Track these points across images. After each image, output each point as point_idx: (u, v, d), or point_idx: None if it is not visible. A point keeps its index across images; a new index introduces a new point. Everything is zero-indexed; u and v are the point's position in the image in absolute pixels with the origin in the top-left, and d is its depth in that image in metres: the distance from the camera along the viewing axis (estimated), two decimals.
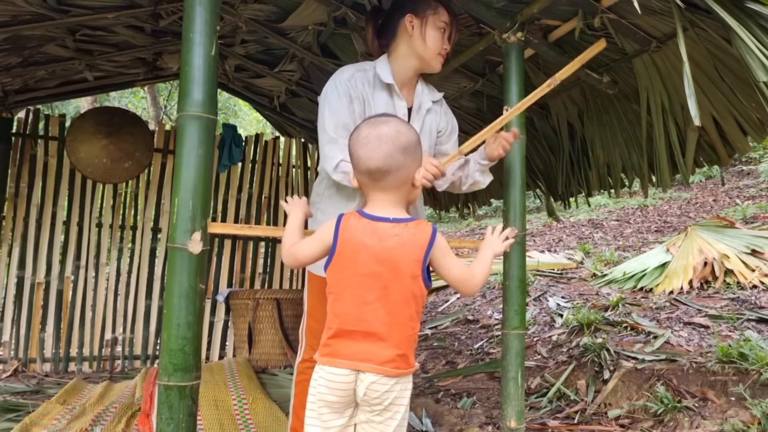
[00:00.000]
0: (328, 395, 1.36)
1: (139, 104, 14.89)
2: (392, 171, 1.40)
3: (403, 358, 1.37)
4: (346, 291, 1.39)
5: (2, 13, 2.62)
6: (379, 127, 1.42)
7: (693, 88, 1.66)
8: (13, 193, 3.97)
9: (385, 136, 1.40)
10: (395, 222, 1.40)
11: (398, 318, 1.37)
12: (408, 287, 1.38)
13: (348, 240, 1.39)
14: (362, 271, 1.37)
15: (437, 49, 1.92)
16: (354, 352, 1.35)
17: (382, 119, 1.45)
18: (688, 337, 3.11)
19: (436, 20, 1.91)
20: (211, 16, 1.56)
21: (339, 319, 1.38)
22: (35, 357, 3.98)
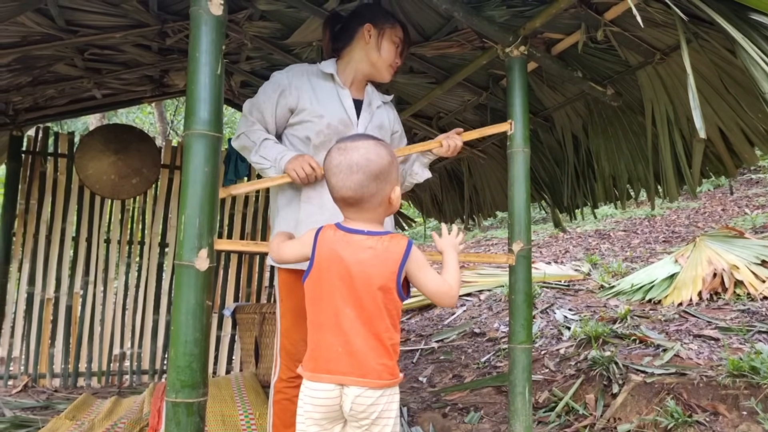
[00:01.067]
0: (313, 412, 1.36)
1: (146, 119, 15.01)
2: (365, 198, 1.41)
3: (385, 369, 1.36)
4: (323, 302, 1.39)
5: (13, 34, 2.66)
6: (349, 155, 1.41)
7: (698, 100, 1.66)
8: (24, 209, 4.01)
9: (356, 166, 1.40)
10: (369, 234, 1.41)
11: (375, 329, 1.37)
12: (381, 300, 1.38)
13: (324, 252, 1.40)
14: (337, 283, 1.38)
15: (389, 61, 2.04)
16: (336, 366, 1.35)
17: (351, 145, 1.43)
18: (698, 350, 3.08)
19: (392, 34, 2.03)
20: (216, 35, 1.58)
21: (318, 332, 1.39)
22: (45, 372, 4.00)
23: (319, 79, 2.00)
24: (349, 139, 1.48)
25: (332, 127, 1.93)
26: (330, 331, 1.37)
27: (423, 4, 2.38)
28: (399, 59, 2.07)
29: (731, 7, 1.65)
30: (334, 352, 1.36)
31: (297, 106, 1.95)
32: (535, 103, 3.03)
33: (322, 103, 1.95)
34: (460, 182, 4.37)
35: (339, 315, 1.37)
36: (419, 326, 5.33)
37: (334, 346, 1.36)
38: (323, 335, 1.38)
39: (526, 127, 2.12)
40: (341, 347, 1.35)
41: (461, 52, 2.62)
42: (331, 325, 1.37)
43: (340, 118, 1.95)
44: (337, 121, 1.94)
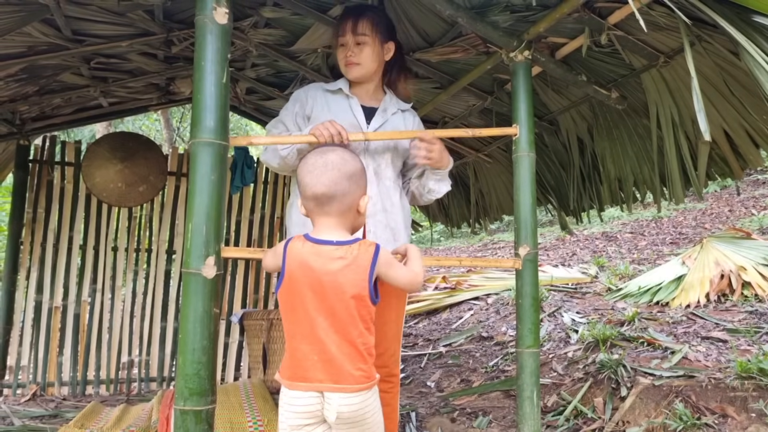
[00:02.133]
0: (294, 419, 1.40)
1: (152, 126, 15.09)
2: (337, 197, 1.47)
3: (362, 373, 1.40)
4: (297, 312, 1.43)
5: (19, 45, 2.68)
6: (325, 155, 1.51)
7: (702, 102, 1.66)
8: (31, 218, 4.03)
9: (330, 163, 1.48)
10: (339, 245, 1.44)
11: (349, 336, 1.40)
12: (353, 307, 1.41)
13: (294, 263, 1.43)
14: (309, 293, 1.41)
15: (342, 62, 2.11)
16: (312, 374, 1.38)
17: (329, 148, 1.56)
18: (706, 352, 3.07)
19: (338, 41, 2.12)
20: (222, 44, 1.59)
21: (294, 341, 1.42)
22: (53, 381, 4.01)
23: (332, 94, 2.12)
24: (328, 146, 1.62)
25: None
26: (305, 340, 1.41)
27: (427, 10, 2.39)
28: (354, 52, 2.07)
29: (734, 9, 1.65)
30: (310, 360, 1.39)
31: (312, 114, 2.07)
32: (540, 107, 3.03)
33: (333, 111, 2.05)
34: (466, 186, 4.37)
35: (313, 324, 1.40)
36: (426, 330, 5.33)
37: (309, 354, 1.39)
38: (298, 344, 1.41)
39: (531, 132, 2.12)
40: (316, 355, 1.39)
41: (466, 57, 2.63)
42: (305, 334, 1.41)
43: (350, 122, 2.01)
44: (347, 125, 1.96)
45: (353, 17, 2.08)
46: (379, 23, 2.12)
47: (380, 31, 2.11)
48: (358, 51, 2.07)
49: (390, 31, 2.18)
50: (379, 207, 2.01)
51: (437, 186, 2.11)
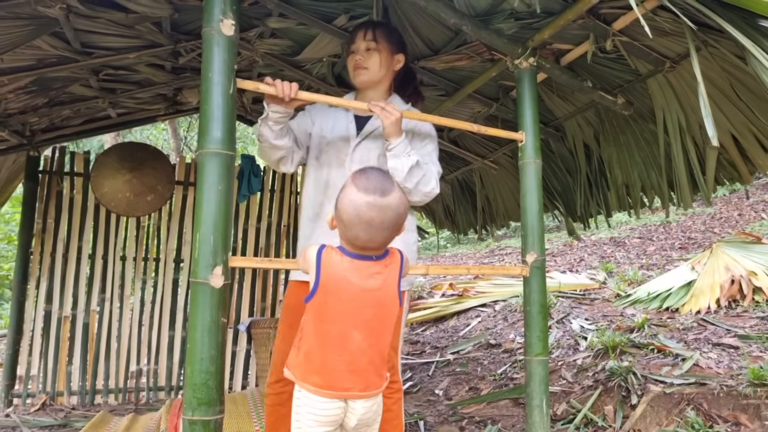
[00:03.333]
0: (317, 426, 1.43)
1: (160, 136, 15.17)
2: (386, 244, 1.48)
3: (382, 378, 1.49)
4: (329, 324, 1.43)
5: (29, 57, 2.71)
6: (383, 213, 1.41)
7: (709, 107, 1.65)
8: (41, 228, 4.06)
9: (387, 222, 1.42)
10: (377, 260, 1.47)
11: (379, 347, 1.47)
12: (388, 317, 1.48)
13: (331, 277, 1.42)
14: (346, 308, 1.42)
15: (351, 67, 2.15)
16: (340, 383, 1.42)
17: (381, 203, 1.41)
18: (718, 359, 3.04)
19: (350, 48, 2.16)
20: (228, 55, 1.60)
21: (324, 352, 1.44)
22: (62, 390, 4.03)
23: (334, 107, 2.16)
24: (375, 191, 1.42)
25: (332, 144, 2.09)
26: (335, 352, 1.43)
27: (432, 19, 2.40)
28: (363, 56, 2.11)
29: (740, 14, 1.65)
30: (339, 371, 1.42)
31: (315, 122, 2.16)
32: (546, 113, 3.03)
33: (330, 125, 2.12)
34: (472, 193, 4.37)
35: (346, 338, 1.43)
36: (434, 338, 5.31)
37: (339, 365, 1.43)
38: (328, 355, 1.43)
39: (536, 138, 2.12)
40: (344, 366, 1.42)
41: (471, 64, 2.63)
42: (336, 346, 1.43)
43: (342, 134, 2.10)
44: (339, 136, 2.09)
45: (366, 26, 2.15)
46: (391, 34, 2.18)
47: (391, 42, 2.16)
48: (368, 56, 2.11)
49: (401, 44, 2.22)
50: None
51: (395, 162, 1.94)
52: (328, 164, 2.09)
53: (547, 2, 2.04)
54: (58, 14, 2.30)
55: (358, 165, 2.02)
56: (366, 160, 2.05)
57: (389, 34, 2.17)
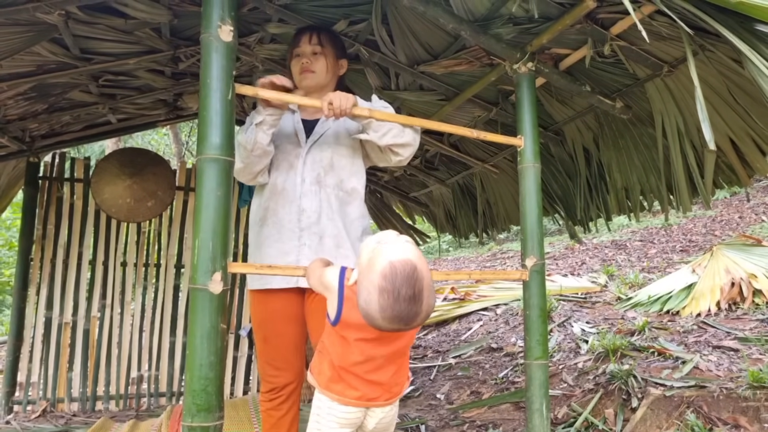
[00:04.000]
0: (338, 429, 1.49)
1: (161, 141, 15.21)
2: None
3: (401, 387, 1.54)
4: (354, 355, 1.45)
5: (29, 64, 2.72)
6: (416, 306, 1.29)
7: (706, 112, 1.65)
8: (41, 234, 4.06)
9: (415, 315, 1.31)
10: None
11: (401, 362, 1.52)
12: (413, 336, 1.53)
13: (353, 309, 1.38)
14: (369, 336, 1.42)
15: (297, 70, 2.12)
16: (363, 394, 1.47)
17: (412, 298, 1.28)
18: (718, 362, 3.04)
19: (294, 52, 2.15)
20: (227, 62, 1.61)
21: (346, 369, 1.46)
22: (63, 397, 4.02)
23: (285, 113, 2.13)
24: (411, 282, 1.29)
25: (280, 148, 2.07)
26: (360, 376, 1.46)
27: (431, 24, 2.41)
28: (310, 60, 2.10)
29: (737, 19, 1.65)
30: (363, 384, 1.47)
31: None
32: (545, 118, 3.04)
33: (281, 128, 2.10)
34: (473, 197, 4.37)
35: (371, 360, 1.45)
36: (436, 342, 5.31)
37: (362, 381, 1.46)
38: (353, 378, 1.46)
39: (535, 143, 2.12)
40: (368, 382, 1.46)
41: (470, 69, 2.64)
42: (359, 365, 1.45)
43: (291, 139, 2.09)
44: (286, 141, 2.08)
45: (311, 30, 2.15)
46: (335, 39, 2.20)
47: (336, 47, 2.17)
48: (314, 60, 2.11)
49: (343, 50, 2.24)
50: (314, 219, 1.97)
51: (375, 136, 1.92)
52: (277, 168, 2.06)
53: (545, 7, 2.05)
54: (57, 20, 2.31)
55: (310, 168, 2.02)
56: (319, 161, 2.03)
57: (334, 39, 2.18)
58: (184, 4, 2.49)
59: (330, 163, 2.03)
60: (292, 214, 1.98)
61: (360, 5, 2.43)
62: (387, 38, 2.58)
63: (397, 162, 2.03)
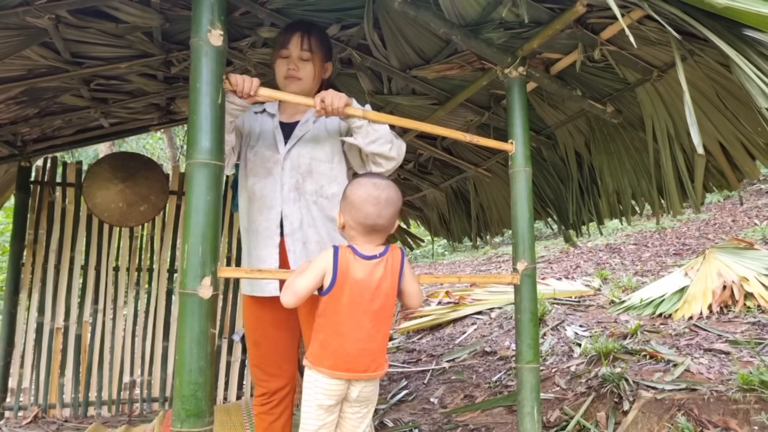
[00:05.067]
0: (326, 400, 1.65)
1: (156, 144, 15.17)
2: (387, 228, 1.70)
3: (385, 361, 1.71)
4: (342, 315, 1.63)
5: (19, 68, 2.71)
6: (386, 191, 1.69)
7: (695, 116, 1.66)
8: (33, 239, 4.04)
9: (391, 200, 1.68)
10: (381, 257, 1.68)
11: (385, 332, 1.69)
12: (392, 305, 1.70)
13: (346, 274, 1.63)
14: (358, 300, 1.63)
15: (282, 74, 2.07)
16: (353, 365, 1.63)
17: (384, 183, 1.70)
18: (709, 365, 3.05)
19: (280, 52, 2.08)
20: (216, 66, 1.60)
21: (337, 339, 1.63)
22: (55, 402, 4.00)
23: (259, 114, 2.14)
24: (375, 176, 1.74)
25: (258, 153, 2.05)
26: (348, 339, 1.62)
27: (422, 28, 2.41)
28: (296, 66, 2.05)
29: (725, 24, 1.66)
30: (352, 356, 1.62)
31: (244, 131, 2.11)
32: (537, 122, 3.05)
33: (257, 133, 2.09)
34: (466, 201, 4.38)
35: (358, 326, 1.63)
36: (430, 346, 5.31)
37: (352, 350, 1.62)
38: (342, 342, 1.63)
39: (527, 147, 2.13)
40: (356, 351, 1.63)
41: (462, 74, 2.64)
42: (350, 334, 1.62)
43: (270, 143, 2.06)
44: (264, 147, 2.05)
45: (301, 32, 2.06)
46: (323, 42, 2.13)
47: (323, 50, 2.12)
48: (302, 66, 2.05)
49: (330, 52, 2.19)
50: (296, 225, 1.97)
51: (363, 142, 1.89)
52: (254, 174, 2.04)
53: (536, 12, 2.06)
54: (47, 24, 2.30)
55: (289, 173, 1.99)
56: (297, 166, 2.00)
57: (323, 43, 2.12)
58: (176, 8, 2.49)
59: (308, 170, 2.01)
60: (270, 221, 1.97)
61: (352, 9, 2.43)
62: (379, 42, 2.58)
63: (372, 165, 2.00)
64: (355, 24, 2.53)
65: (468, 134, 2.10)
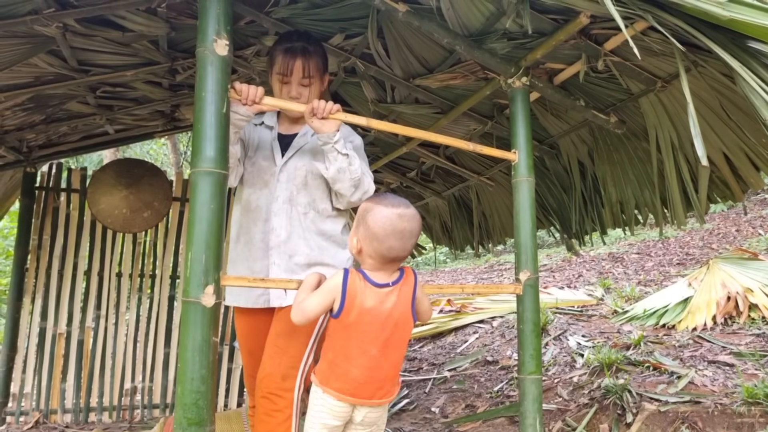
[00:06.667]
0: (331, 420, 1.61)
1: (160, 150, 15.23)
2: (407, 257, 1.64)
3: (393, 389, 1.66)
4: (352, 341, 1.59)
5: (26, 75, 2.73)
6: (411, 223, 1.60)
7: (698, 128, 1.66)
8: (36, 245, 4.05)
9: (414, 232, 1.61)
10: (394, 285, 1.62)
11: (395, 361, 1.63)
12: (406, 333, 1.65)
13: (355, 300, 1.58)
14: (366, 329, 1.58)
15: (280, 94, 2.04)
16: (360, 392, 1.59)
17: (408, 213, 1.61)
18: (713, 377, 3.03)
19: (276, 73, 2.04)
20: (221, 75, 1.61)
21: (345, 364, 1.59)
22: (56, 408, 3.99)
23: (258, 126, 2.14)
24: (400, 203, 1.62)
25: (255, 164, 2.05)
26: (356, 365, 1.59)
27: (426, 38, 2.42)
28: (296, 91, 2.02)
29: (729, 35, 1.66)
30: (358, 382, 1.59)
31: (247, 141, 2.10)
32: (540, 131, 3.05)
33: (255, 143, 2.09)
34: (468, 209, 4.38)
35: (366, 354, 1.58)
36: (431, 355, 5.29)
37: (359, 377, 1.59)
38: (349, 367, 1.59)
39: (530, 157, 2.13)
40: (363, 378, 1.59)
41: (465, 83, 2.65)
42: (357, 360, 1.59)
43: (264, 154, 2.06)
44: (261, 157, 2.05)
45: (301, 58, 2.01)
46: (322, 61, 2.10)
47: (322, 70, 2.09)
48: (303, 90, 2.03)
49: (326, 63, 2.16)
50: (283, 238, 1.95)
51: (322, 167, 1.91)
52: (251, 185, 2.04)
53: (539, 23, 2.07)
54: (54, 33, 2.32)
55: (284, 185, 1.99)
56: (293, 179, 2.00)
57: (321, 61, 2.09)
58: (182, 17, 2.50)
59: (304, 182, 2.00)
60: (264, 233, 1.97)
61: (356, 19, 2.44)
62: (383, 52, 2.59)
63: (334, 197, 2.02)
64: (359, 33, 2.54)
65: (471, 143, 2.10)
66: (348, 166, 1.89)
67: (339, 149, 1.87)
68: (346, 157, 1.88)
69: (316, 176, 2.01)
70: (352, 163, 1.90)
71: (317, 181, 2.01)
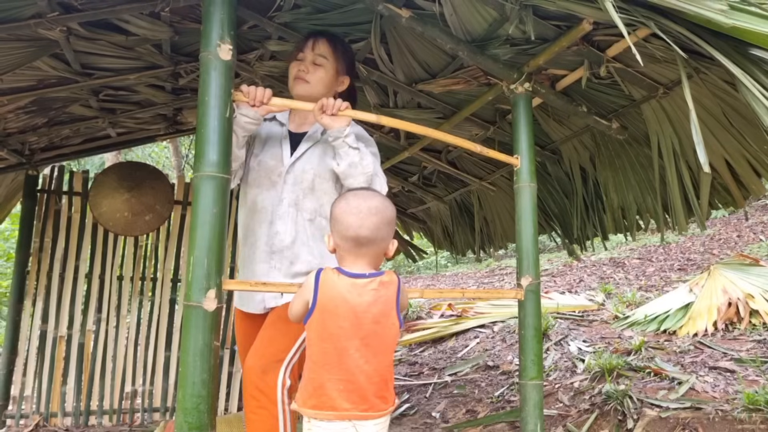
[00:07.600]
0: None
1: (162, 153, 15.24)
2: (377, 241, 1.54)
3: (384, 399, 1.49)
4: (326, 343, 1.48)
5: (29, 78, 2.74)
6: (369, 201, 1.56)
7: (701, 135, 1.66)
8: (38, 247, 4.06)
9: (374, 209, 1.54)
10: (371, 277, 1.52)
11: (378, 366, 1.49)
12: (389, 337, 1.51)
13: (328, 295, 1.49)
14: (343, 324, 1.47)
15: (293, 75, 2.05)
16: (339, 403, 1.44)
17: (369, 193, 1.60)
18: (714, 383, 3.03)
19: (297, 55, 2.07)
20: (225, 80, 1.62)
21: (321, 371, 1.47)
22: (56, 411, 3.99)
23: (269, 122, 2.12)
24: (362, 188, 1.66)
25: (262, 163, 2.02)
26: (332, 370, 1.46)
27: (429, 44, 2.43)
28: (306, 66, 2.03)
29: (731, 43, 1.67)
30: (337, 390, 1.44)
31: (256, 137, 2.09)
32: (542, 137, 3.05)
33: (263, 141, 2.07)
34: (470, 214, 4.38)
35: (343, 355, 1.46)
36: (432, 359, 5.28)
37: (337, 384, 1.45)
38: (325, 374, 1.46)
39: (532, 162, 2.13)
40: (342, 384, 1.45)
41: (468, 88, 2.66)
42: (334, 364, 1.46)
43: (275, 153, 2.03)
44: (269, 157, 2.02)
45: (319, 36, 2.06)
46: (343, 54, 2.10)
47: (340, 61, 2.08)
48: (313, 69, 2.03)
49: (350, 68, 2.15)
50: (287, 242, 1.93)
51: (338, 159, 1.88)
52: (257, 185, 2.01)
53: (542, 29, 2.07)
54: (58, 36, 2.33)
55: (291, 188, 1.96)
56: (300, 182, 1.97)
57: (341, 53, 2.08)
58: (185, 21, 2.51)
59: (311, 186, 1.97)
60: (268, 236, 1.95)
61: (359, 24, 2.45)
62: (386, 57, 2.60)
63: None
64: (362, 38, 2.54)
65: (479, 145, 2.11)
66: (360, 161, 1.87)
67: (350, 143, 1.85)
68: (358, 152, 1.87)
69: (324, 180, 1.98)
70: (364, 158, 1.89)
71: (325, 185, 1.99)
